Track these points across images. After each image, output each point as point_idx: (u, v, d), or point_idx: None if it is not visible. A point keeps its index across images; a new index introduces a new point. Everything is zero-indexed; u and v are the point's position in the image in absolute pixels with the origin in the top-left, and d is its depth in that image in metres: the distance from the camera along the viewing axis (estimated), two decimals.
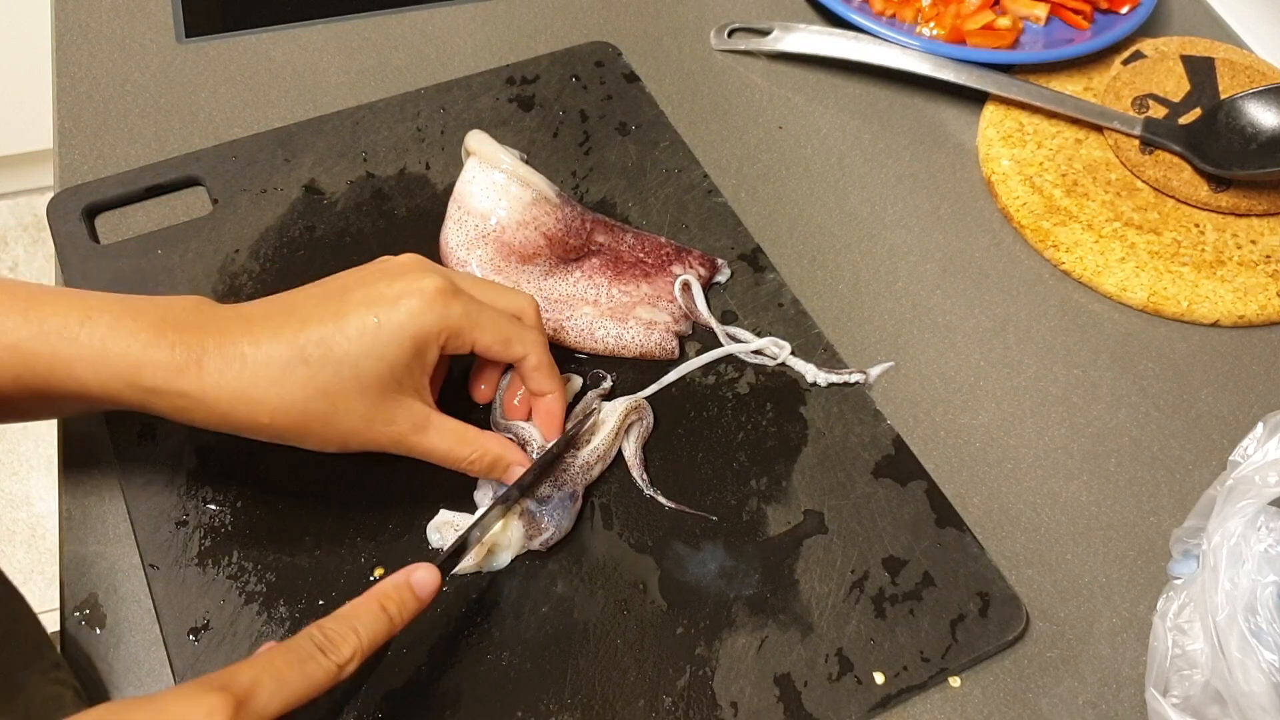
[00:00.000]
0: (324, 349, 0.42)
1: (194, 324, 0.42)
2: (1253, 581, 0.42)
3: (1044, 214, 0.64)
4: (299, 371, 0.42)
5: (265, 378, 0.42)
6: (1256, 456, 0.45)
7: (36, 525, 1.43)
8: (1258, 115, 0.65)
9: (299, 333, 0.42)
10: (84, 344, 0.41)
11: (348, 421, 0.43)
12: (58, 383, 0.41)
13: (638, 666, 0.46)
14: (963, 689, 0.47)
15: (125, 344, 0.41)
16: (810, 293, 0.60)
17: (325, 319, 0.43)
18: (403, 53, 0.70)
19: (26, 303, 0.41)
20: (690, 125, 0.68)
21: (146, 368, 0.41)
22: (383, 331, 0.43)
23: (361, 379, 0.43)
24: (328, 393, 0.42)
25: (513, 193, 0.54)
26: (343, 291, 0.44)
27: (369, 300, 0.43)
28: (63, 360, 0.41)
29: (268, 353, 0.42)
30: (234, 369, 0.41)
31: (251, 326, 0.42)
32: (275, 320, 0.43)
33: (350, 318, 0.43)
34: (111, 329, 0.41)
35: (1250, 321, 0.61)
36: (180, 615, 0.46)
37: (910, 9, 0.72)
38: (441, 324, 0.44)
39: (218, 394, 0.41)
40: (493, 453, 0.47)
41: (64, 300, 0.41)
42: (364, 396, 0.43)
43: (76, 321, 0.41)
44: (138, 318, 0.41)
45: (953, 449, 0.55)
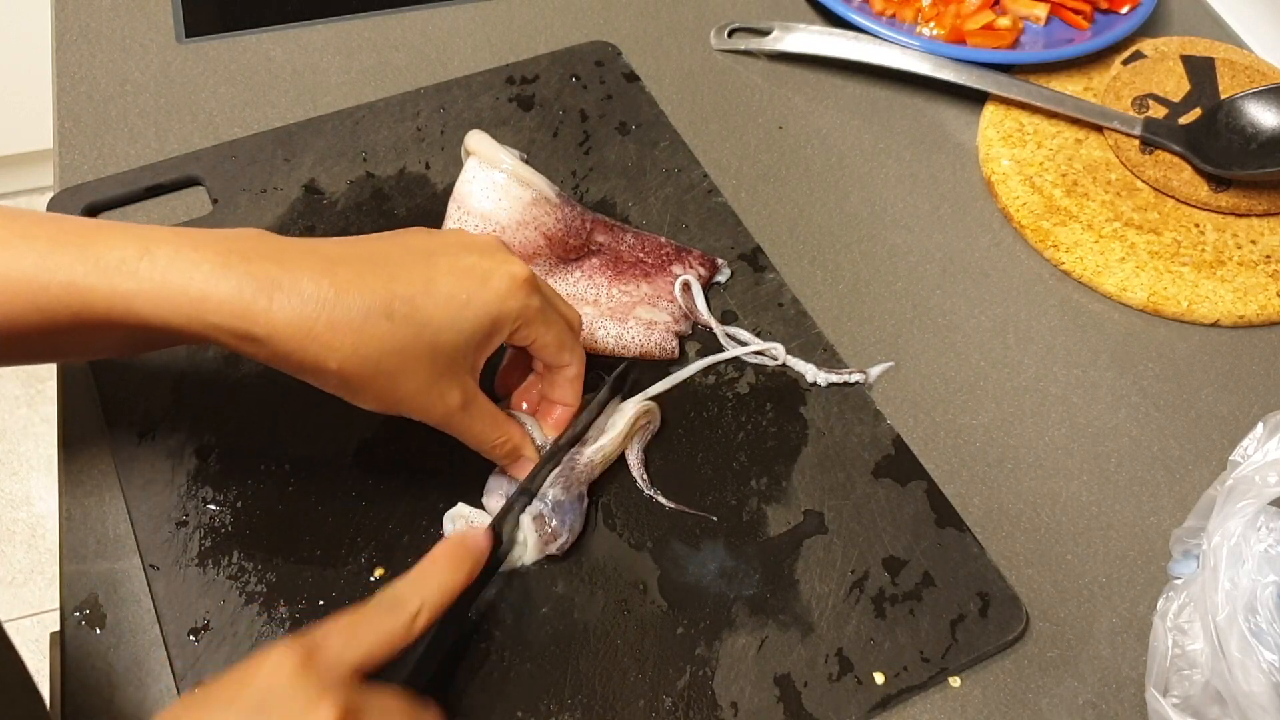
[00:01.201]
0: (410, 308, 0.41)
1: (264, 254, 0.40)
2: (1253, 581, 0.42)
3: (1044, 214, 0.64)
4: (381, 325, 0.41)
5: (345, 323, 0.40)
6: (1256, 456, 0.45)
7: (36, 525, 1.43)
8: (1258, 115, 0.65)
9: (387, 285, 0.41)
10: (144, 278, 0.39)
11: (411, 384, 0.43)
12: (118, 318, 0.40)
13: (638, 667, 0.46)
14: (963, 689, 0.47)
15: (188, 276, 0.39)
16: (810, 293, 0.60)
17: (414, 279, 0.42)
18: (403, 53, 0.70)
19: (82, 237, 0.40)
20: (690, 125, 0.68)
21: (210, 300, 0.39)
22: (470, 307, 0.43)
23: (437, 346, 0.42)
24: (403, 352, 0.41)
25: (513, 193, 0.54)
26: (427, 255, 0.44)
27: (458, 271, 0.43)
28: (121, 295, 0.39)
29: (352, 300, 0.40)
30: (310, 309, 0.40)
31: (334, 267, 0.41)
32: (359, 266, 0.41)
33: (440, 283, 0.43)
34: (172, 261, 0.39)
35: (1250, 321, 0.61)
36: (180, 615, 0.46)
37: (910, 9, 0.72)
38: (521, 313, 0.44)
39: (289, 332, 0.39)
40: (514, 440, 0.48)
41: (121, 234, 0.40)
42: (434, 364, 0.43)
43: (135, 255, 0.39)
44: (200, 248, 0.40)
45: (953, 449, 0.55)
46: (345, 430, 0.52)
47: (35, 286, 0.39)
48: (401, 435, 0.51)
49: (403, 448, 0.51)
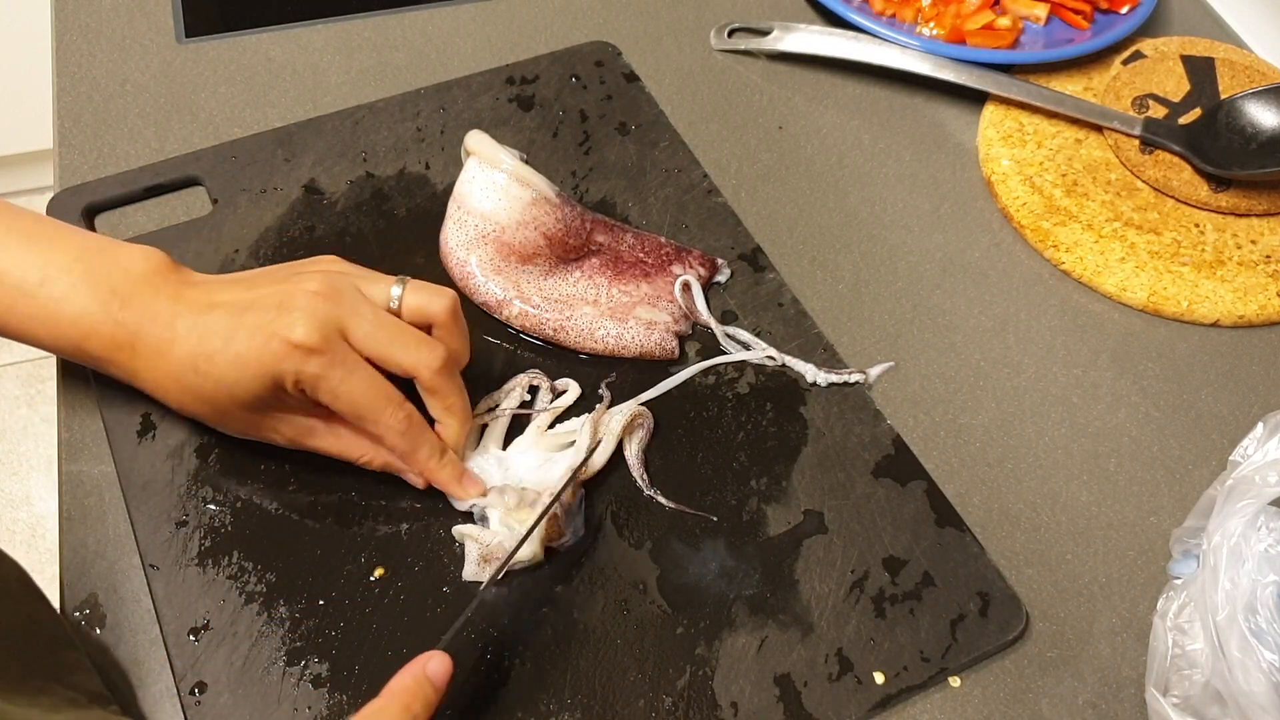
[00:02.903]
0: (209, 364, 0.45)
1: (138, 300, 0.45)
2: (1253, 581, 0.42)
3: (1044, 214, 0.64)
4: (190, 378, 0.45)
5: (172, 374, 0.46)
6: (1256, 456, 0.45)
7: (36, 525, 1.42)
8: (1258, 115, 0.65)
9: (199, 344, 0.45)
10: (39, 303, 0.44)
11: (235, 424, 0.47)
12: (13, 331, 0.45)
13: (638, 666, 0.46)
14: (963, 689, 0.47)
15: (77, 311, 0.45)
16: (810, 293, 0.60)
17: (218, 334, 0.45)
18: (403, 53, 0.70)
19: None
20: (690, 125, 0.67)
21: (92, 339, 0.45)
22: (249, 368, 0.44)
23: (234, 397, 0.45)
24: (212, 401, 0.46)
25: (513, 193, 0.54)
26: (245, 309, 0.45)
27: (252, 329, 0.44)
28: (18, 315, 0.45)
29: (176, 353, 0.45)
30: (156, 357, 0.45)
31: (174, 321, 0.45)
32: (190, 318, 0.45)
33: (235, 340, 0.44)
34: (66, 294, 0.45)
35: (1250, 321, 0.61)
36: (180, 615, 0.46)
37: (910, 9, 0.72)
38: (295, 376, 0.44)
39: (145, 374, 0.46)
40: (380, 459, 0.48)
41: (26, 253, 0.45)
42: (243, 409, 0.46)
43: (35, 281, 0.44)
44: (93, 284, 0.45)
45: (953, 449, 0.55)
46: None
47: None
48: None
49: None
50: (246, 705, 0.44)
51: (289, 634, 0.46)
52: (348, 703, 0.44)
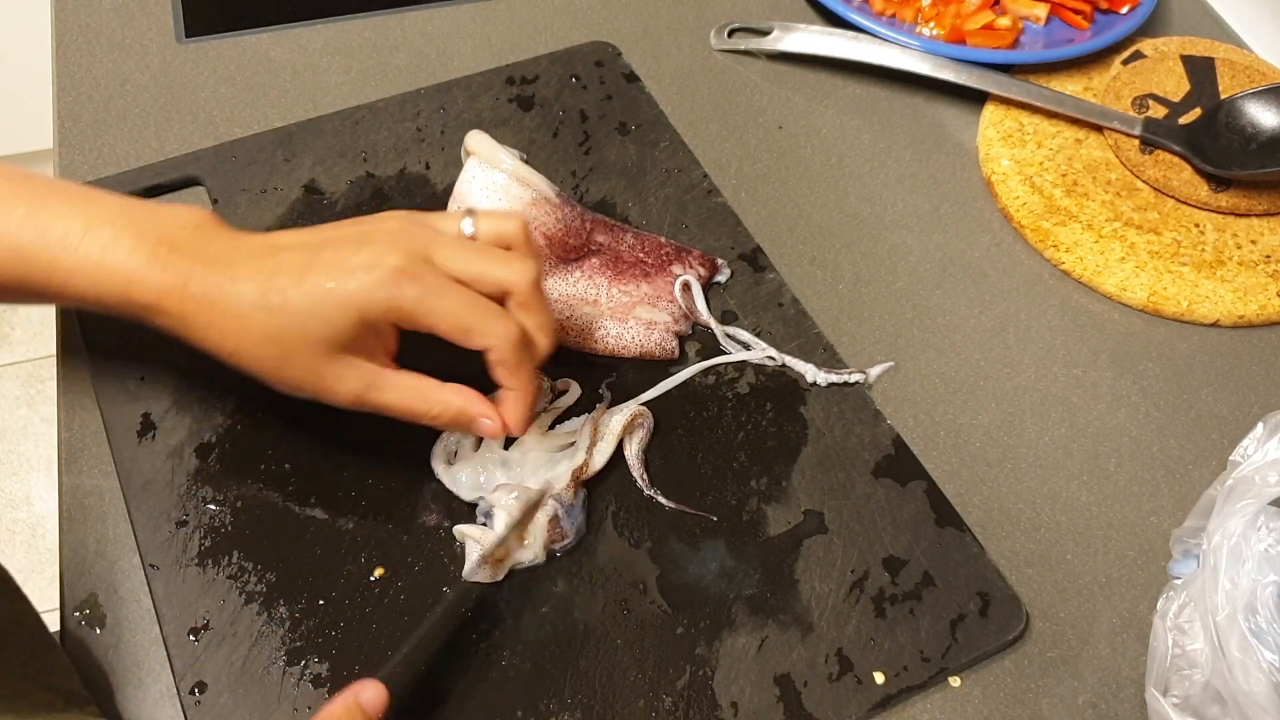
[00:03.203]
0: (282, 299, 0.43)
1: (188, 247, 0.44)
2: (1253, 581, 0.42)
3: (1044, 214, 0.64)
4: (258, 315, 0.43)
5: (234, 313, 0.43)
6: (1256, 456, 0.45)
7: (36, 525, 1.43)
8: (1258, 115, 0.65)
9: (268, 279, 0.43)
10: (83, 255, 0.43)
11: (298, 370, 0.45)
12: (56, 287, 0.43)
13: (638, 666, 0.46)
14: (963, 689, 0.47)
15: (122, 260, 0.43)
16: (810, 293, 0.60)
17: (292, 271, 0.44)
18: (403, 53, 0.70)
19: (33, 203, 0.43)
20: (690, 125, 0.67)
21: (137, 285, 0.43)
22: (332, 298, 0.43)
23: (308, 336, 0.44)
24: (279, 341, 0.44)
25: (512, 193, 0.54)
26: (319, 246, 0.45)
27: (332, 264, 0.44)
28: (62, 268, 0.43)
29: (239, 290, 0.43)
30: (210, 299, 0.43)
31: (235, 262, 0.44)
32: (255, 260, 0.44)
33: (311, 277, 0.43)
34: (111, 243, 0.43)
35: (1250, 321, 0.61)
36: (180, 615, 0.46)
37: (910, 9, 0.72)
38: (388, 304, 0.44)
39: (195, 319, 0.44)
40: (454, 406, 0.46)
41: (69, 204, 0.43)
42: (313, 352, 0.44)
43: (79, 232, 0.43)
44: (138, 234, 0.43)
45: (953, 449, 0.55)
46: (346, 430, 0.51)
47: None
48: (402, 435, 0.51)
49: (403, 448, 0.51)
50: (246, 705, 0.44)
51: (289, 634, 0.46)
52: None
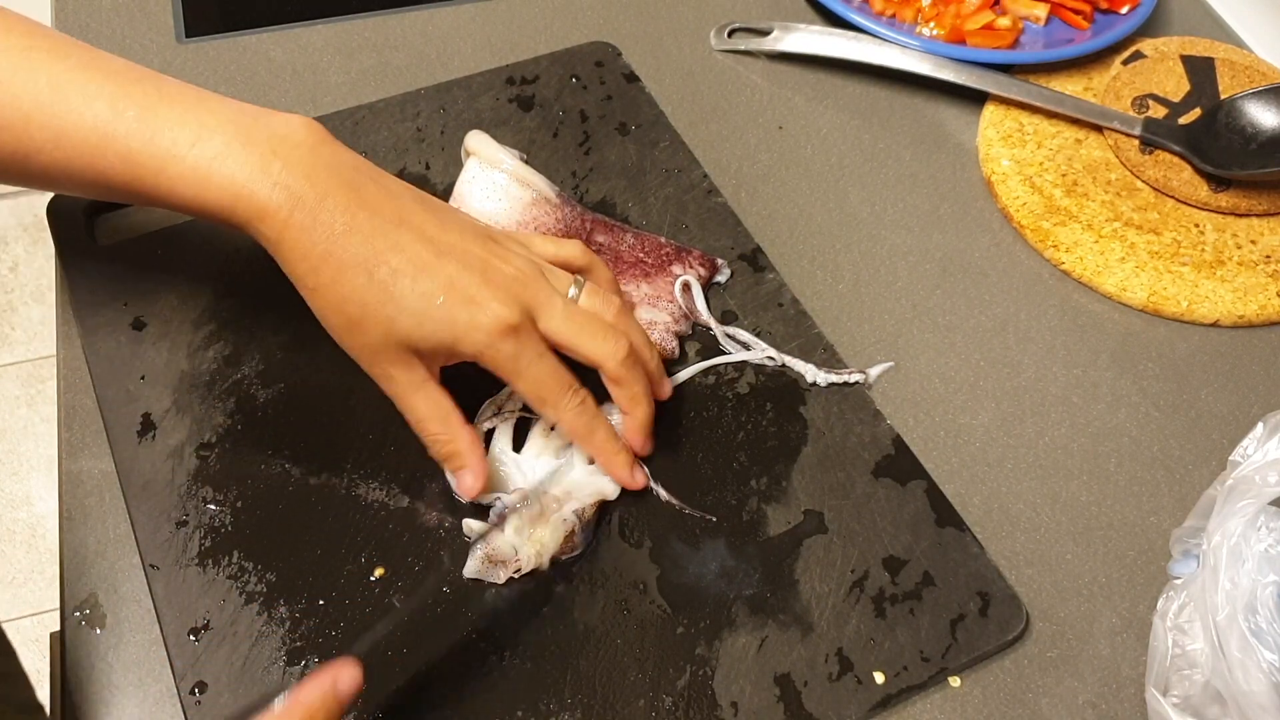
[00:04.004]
0: (391, 279, 0.43)
1: (303, 168, 0.43)
2: (1253, 581, 0.42)
3: (1044, 214, 0.64)
4: (358, 277, 0.43)
5: (335, 259, 0.43)
6: (1256, 456, 0.45)
7: (36, 525, 1.43)
8: (1258, 115, 0.65)
9: (386, 252, 0.44)
10: (190, 165, 0.42)
11: (363, 339, 0.45)
12: (163, 194, 0.43)
13: (638, 666, 0.46)
14: (963, 689, 0.47)
15: (230, 172, 0.42)
16: (810, 293, 0.60)
17: (412, 261, 0.44)
18: (403, 53, 0.70)
19: (143, 106, 0.43)
20: (690, 125, 0.67)
21: (244, 201, 0.43)
22: (436, 313, 0.44)
23: (394, 326, 0.44)
24: (364, 307, 0.44)
25: (513, 193, 0.54)
26: (445, 252, 0.45)
27: (451, 282, 0.44)
28: (168, 176, 0.43)
29: (352, 243, 0.43)
30: (317, 233, 0.43)
31: (359, 210, 0.44)
32: (376, 221, 0.44)
33: (427, 279, 0.44)
34: (220, 154, 0.43)
35: (1250, 321, 0.61)
36: (180, 615, 0.46)
37: (910, 9, 0.72)
38: (483, 351, 0.45)
39: (292, 247, 0.43)
40: (458, 445, 0.47)
41: (180, 109, 0.43)
42: (386, 338, 0.44)
43: (188, 140, 0.43)
44: (249, 145, 0.43)
45: (953, 449, 0.55)
46: (345, 430, 0.52)
47: (92, 150, 0.43)
48: (402, 434, 0.51)
49: (403, 447, 0.51)
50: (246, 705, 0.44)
51: (289, 634, 0.46)
52: None
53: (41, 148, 0.43)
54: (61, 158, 0.43)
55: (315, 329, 0.46)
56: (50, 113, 0.42)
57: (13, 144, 0.43)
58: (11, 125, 0.42)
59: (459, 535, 0.49)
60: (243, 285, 0.56)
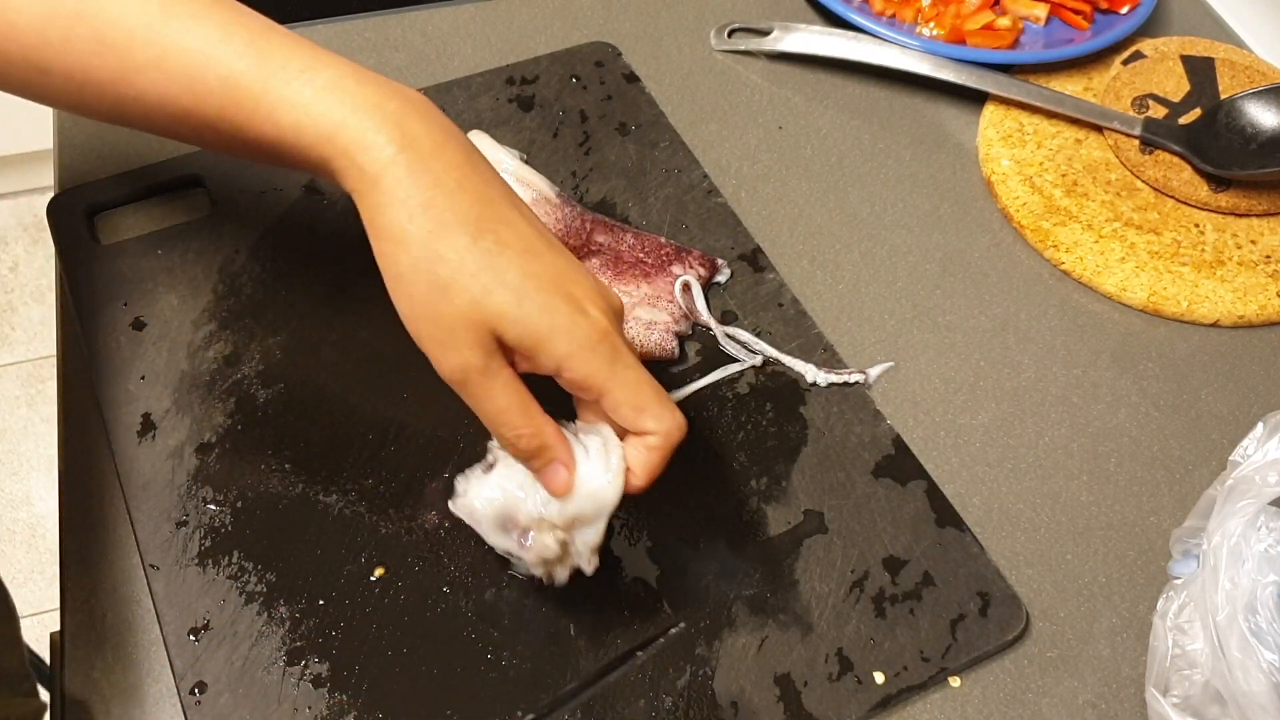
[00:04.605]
0: (496, 249, 0.39)
1: (418, 115, 0.40)
2: (1253, 581, 0.42)
3: (1044, 214, 0.64)
4: (461, 236, 0.39)
5: (436, 212, 0.39)
6: (1256, 456, 0.45)
7: (36, 525, 1.43)
8: (1258, 115, 0.65)
9: (495, 224, 0.40)
10: (295, 89, 0.39)
11: (442, 308, 0.39)
12: (258, 123, 0.40)
13: (638, 666, 0.46)
14: (963, 689, 0.47)
15: (337, 101, 0.39)
16: (810, 293, 0.60)
17: (521, 237, 0.40)
18: (403, 53, 0.70)
19: (252, 34, 0.40)
20: (690, 125, 0.68)
21: (347, 129, 0.39)
22: (539, 298, 0.39)
23: (486, 298, 0.39)
24: (458, 270, 0.39)
25: None
26: (552, 244, 0.42)
27: (559, 274, 0.40)
28: (270, 100, 0.40)
29: (460, 202, 0.39)
30: (423, 180, 0.39)
31: (469, 174, 0.40)
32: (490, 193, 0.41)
33: (533, 261, 0.40)
34: (330, 84, 0.40)
35: (1250, 321, 0.61)
36: (180, 615, 0.46)
37: (910, 9, 0.72)
38: (575, 355, 0.40)
39: (391, 185, 0.39)
40: (544, 439, 0.41)
41: (291, 44, 0.41)
42: (473, 309, 0.39)
43: (299, 67, 0.40)
44: (364, 82, 0.40)
45: (953, 449, 0.55)
46: (345, 430, 0.52)
47: (195, 71, 0.40)
48: (402, 434, 0.51)
49: (403, 447, 0.51)
50: (246, 705, 0.44)
51: (289, 634, 0.46)
52: (347, 703, 0.44)
53: (142, 67, 0.40)
54: (160, 79, 0.40)
55: (315, 329, 0.46)
56: (157, 30, 0.40)
57: (115, 63, 0.40)
58: (116, 43, 0.40)
59: (459, 535, 0.49)
60: (243, 285, 0.56)
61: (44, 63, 0.41)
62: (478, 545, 0.49)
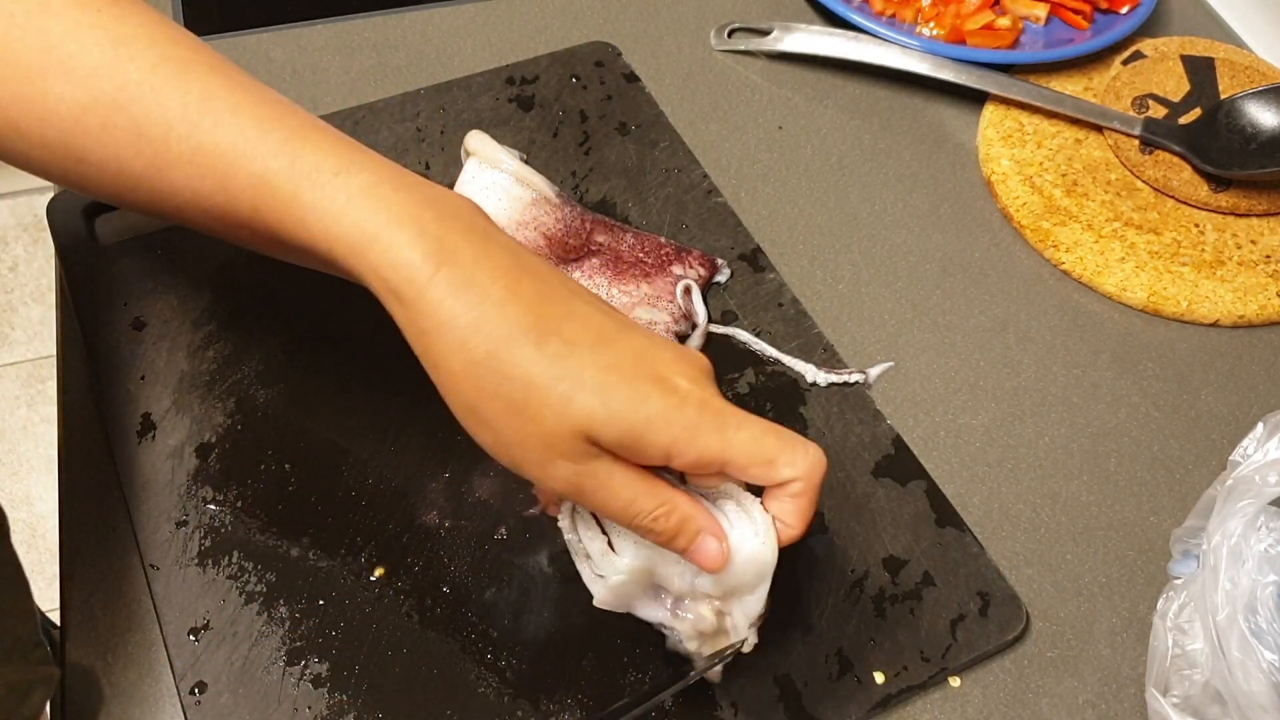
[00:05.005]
0: (566, 351, 0.36)
1: (461, 225, 0.37)
2: (1253, 581, 0.42)
3: (1044, 214, 0.64)
4: (525, 349, 0.35)
5: (490, 329, 0.35)
6: (1256, 456, 0.45)
7: (36, 525, 1.43)
8: (1258, 115, 0.65)
9: (559, 319, 0.36)
10: (329, 195, 0.37)
11: (528, 429, 0.36)
12: (290, 227, 0.38)
13: (638, 666, 0.46)
14: (963, 689, 0.47)
15: (372, 209, 0.36)
16: (810, 293, 0.60)
17: (590, 329, 0.37)
18: (403, 53, 0.70)
19: (289, 131, 0.38)
20: (690, 125, 0.67)
21: (379, 243, 0.36)
22: (624, 391, 0.36)
23: (569, 407, 0.36)
24: (531, 387, 0.36)
25: (513, 193, 0.54)
26: (624, 323, 0.39)
27: (640, 355, 0.37)
28: (300, 205, 0.37)
29: (514, 310, 0.36)
30: (468, 298, 0.36)
31: (522, 276, 0.37)
32: (544, 287, 0.37)
33: (610, 350, 0.37)
34: (365, 189, 0.37)
35: (1250, 321, 0.61)
36: (180, 615, 0.46)
37: (910, 9, 0.72)
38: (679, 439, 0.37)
39: (433, 309, 0.36)
40: (682, 511, 0.38)
41: (328, 142, 0.38)
42: (560, 421, 0.36)
43: (332, 169, 0.37)
44: (399, 189, 0.37)
45: (953, 449, 0.55)
46: (346, 430, 0.52)
47: (227, 168, 0.38)
48: (402, 435, 0.51)
49: (403, 447, 0.51)
50: (246, 705, 0.44)
51: (289, 634, 0.46)
52: (347, 703, 0.44)
53: (176, 160, 0.38)
54: (195, 174, 0.38)
55: (315, 329, 0.46)
56: (194, 124, 0.38)
57: (150, 155, 0.39)
58: (152, 136, 0.39)
59: (459, 535, 0.49)
60: (243, 285, 0.56)
61: (82, 151, 0.40)
62: (478, 545, 0.49)
